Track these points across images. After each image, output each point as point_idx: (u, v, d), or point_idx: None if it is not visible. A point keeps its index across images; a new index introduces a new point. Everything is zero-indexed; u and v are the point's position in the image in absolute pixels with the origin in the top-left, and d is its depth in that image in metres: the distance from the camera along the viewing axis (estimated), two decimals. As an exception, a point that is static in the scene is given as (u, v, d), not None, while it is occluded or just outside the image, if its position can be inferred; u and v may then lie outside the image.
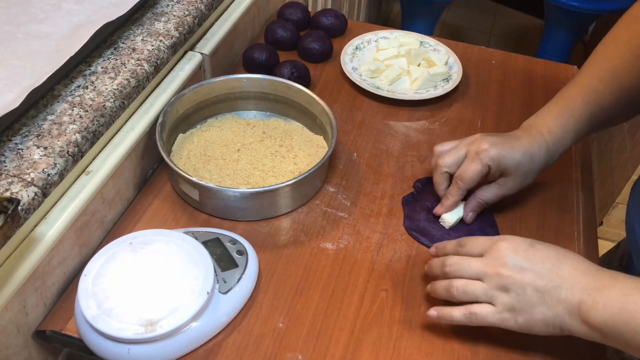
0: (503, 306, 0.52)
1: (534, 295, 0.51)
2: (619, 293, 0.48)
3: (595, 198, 1.86)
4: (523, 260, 0.52)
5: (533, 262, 0.52)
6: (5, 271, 0.52)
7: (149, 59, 0.68)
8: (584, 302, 0.49)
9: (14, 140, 0.56)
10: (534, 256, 0.52)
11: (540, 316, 0.51)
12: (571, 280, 0.50)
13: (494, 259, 0.53)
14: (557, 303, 0.50)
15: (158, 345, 0.52)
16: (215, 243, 0.61)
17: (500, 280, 0.52)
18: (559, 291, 0.50)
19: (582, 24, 2.08)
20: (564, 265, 0.51)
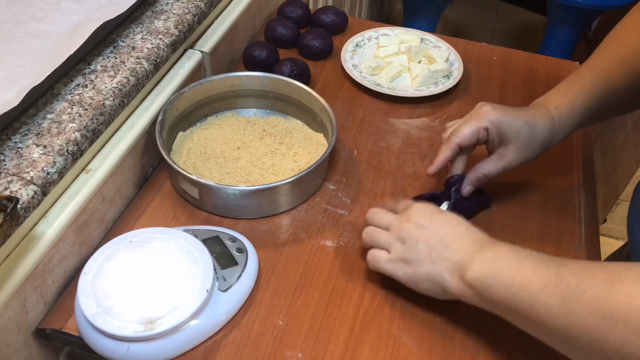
0: (396, 255, 0.57)
1: (424, 250, 0.55)
2: (493, 253, 0.52)
3: (599, 195, 1.86)
4: (426, 221, 0.56)
5: (433, 223, 0.56)
6: (5, 270, 0.52)
7: (149, 57, 0.68)
8: (464, 261, 0.53)
9: (13, 139, 0.56)
10: (436, 219, 0.56)
11: (424, 270, 0.55)
12: (459, 243, 0.54)
13: (403, 215, 0.58)
14: (441, 260, 0.54)
15: (157, 343, 0.52)
16: (215, 241, 0.61)
17: (400, 232, 0.57)
18: (446, 250, 0.54)
19: (585, 20, 2.07)
20: (459, 231, 0.55)
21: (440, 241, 0.55)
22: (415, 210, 0.58)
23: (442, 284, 0.54)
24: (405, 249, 0.56)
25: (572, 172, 0.76)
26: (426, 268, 0.55)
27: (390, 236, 0.58)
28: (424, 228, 0.56)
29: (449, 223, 0.56)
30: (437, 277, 0.54)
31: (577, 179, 0.76)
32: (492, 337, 0.58)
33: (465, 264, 0.52)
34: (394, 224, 0.58)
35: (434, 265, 0.54)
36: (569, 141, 0.81)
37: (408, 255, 0.56)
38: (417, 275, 0.56)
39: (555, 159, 0.78)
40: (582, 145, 0.81)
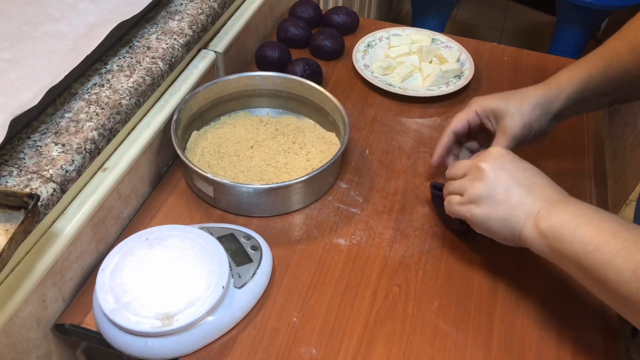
0: (468, 196, 0.56)
1: (503, 193, 0.54)
2: (576, 207, 0.51)
3: (609, 195, 1.85)
4: (506, 163, 0.56)
5: (516, 167, 0.55)
6: (26, 266, 0.53)
7: (164, 57, 0.68)
8: (543, 208, 0.52)
9: (32, 138, 0.57)
10: (518, 164, 0.56)
11: (501, 213, 0.54)
12: (543, 191, 0.54)
13: (480, 157, 0.58)
14: (521, 205, 0.54)
15: (175, 339, 0.53)
16: (229, 238, 0.62)
17: (478, 173, 0.56)
18: (528, 196, 0.54)
19: (595, 20, 2.06)
20: (544, 179, 0.55)
21: (524, 186, 0.54)
22: (494, 152, 0.57)
23: (517, 228, 0.54)
24: (481, 188, 0.55)
25: (582, 172, 0.77)
26: (504, 211, 0.54)
27: (465, 180, 0.58)
28: (504, 170, 0.55)
29: (532, 170, 0.56)
30: (514, 222, 0.54)
31: (588, 178, 0.76)
32: (505, 333, 0.58)
33: (545, 212, 0.52)
34: (471, 167, 0.58)
35: (514, 210, 0.54)
36: (580, 141, 0.81)
37: (483, 195, 0.55)
38: (491, 216, 0.55)
39: (566, 158, 0.78)
40: (592, 144, 0.81)
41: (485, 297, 0.61)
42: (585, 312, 0.60)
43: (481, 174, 0.56)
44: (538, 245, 0.53)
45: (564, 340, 0.58)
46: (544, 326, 0.59)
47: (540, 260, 0.65)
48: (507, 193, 0.54)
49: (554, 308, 0.60)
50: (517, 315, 0.60)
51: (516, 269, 0.64)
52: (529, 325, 0.59)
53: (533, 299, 0.61)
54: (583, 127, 0.83)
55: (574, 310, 0.60)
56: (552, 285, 0.63)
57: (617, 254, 0.46)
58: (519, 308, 0.60)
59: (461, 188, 0.58)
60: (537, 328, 0.59)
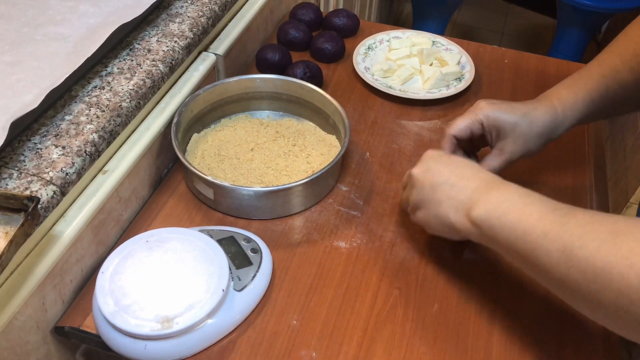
0: (412, 204, 0.60)
1: (430, 192, 0.56)
2: (501, 194, 0.52)
3: (609, 198, 1.85)
4: (431, 163, 0.58)
5: (439, 164, 0.57)
6: (25, 268, 0.53)
7: (164, 59, 0.68)
8: (470, 199, 0.53)
9: (33, 140, 0.57)
10: (442, 160, 0.58)
11: (433, 211, 0.56)
12: (465, 182, 0.55)
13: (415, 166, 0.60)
14: (447, 199, 0.55)
15: (174, 342, 0.53)
16: (229, 241, 0.61)
17: (411, 180, 0.60)
18: (451, 189, 0.55)
19: (595, 22, 2.06)
20: (465, 171, 0.56)
21: (446, 181, 0.56)
22: (423, 156, 0.60)
23: (449, 222, 0.55)
24: (415, 194, 0.58)
25: (583, 175, 0.76)
26: (435, 208, 0.56)
27: (406, 190, 0.61)
28: (429, 170, 0.57)
29: (456, 164, 0.57)
30: (444, 216, 0.55)
31: (589, 181, 0.76)
32: (505, 337, 0.58)
33: (471, 203, 0.53)
34: (406, 177, 0.61)
35: (440, 206, 0.55)
36: (580, 143, 0.81)
37: (418, 200, 0.58)
38: (428, 217, 0.57)
39: (566, 161, 0.78)
40: (593, 147, 0.81)
41: (486, 300, 0.61)
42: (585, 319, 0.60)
43: (412, 180, 0.59)
44: (474, 236, 0.53)
45: (564, 344, 0.58)
46: (545, 328, 0.59)
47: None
48: (433, 192, 0.56)
49: (554, 311, 0.60)
50: (517, 319, 0.60)
51: (517, 271, 0.64)
52: (529, 328, 0.59)
53: (534, 301, 0.61)
54: (583, 130, 0.83)
55: (575, 313, 0.60)
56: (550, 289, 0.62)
57: (545, 237, 0.46)
58: (520, 311, 0.60)
59: (406, 199, 0.62)
60: (538, 332, 0.59)
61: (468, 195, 0.54)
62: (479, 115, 0.64)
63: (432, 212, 0.57)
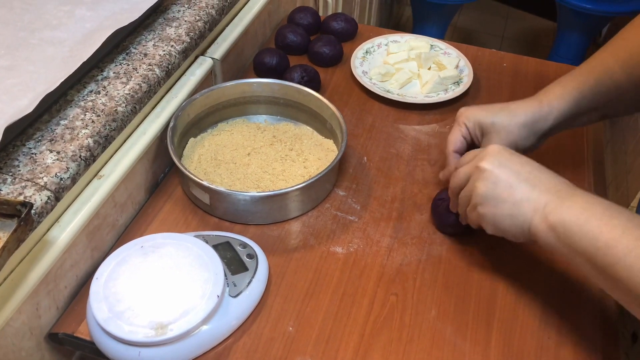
0: (474, 199, 0.56)
1: (506, 190, 0.54)
2: (585, 201, 0.50)
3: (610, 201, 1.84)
4: (505, 160, 0.55)
5: (513, 161, 0.55)
6: (19, 274, 0.53)
7: (161, 63, 0.68)
8: (551, 201, 0.51)
9: (27, 145, 0.56)
10: (517, 159, 0.55)
11: (507, 211, 0.54)
12: (545, 183, 0.53)
13: (478, 157, 0.57)
14: (526, 201, 0.53)
15: (169, 349, 0.52)
16: (225, 247, 0.61)
17: (479, 173, 0.55)
18: (532, 191, 0.53)
19: (596, 26, 2.06)
20: (544, 172, 0.54)
21: (526, 181, 0.53)
22: (491, 150, 0.56)
23: (525, 223, 0.53)
24: (483, 188, 0.55)
25: (582, 179, 0.76)
26: (509, 208, 0.53)
27: (469, 184, 0.57)
28: (504, 167, 0.54)
29: (532, 164, 0.55)
30: (521, 218, 0.53)
31: (588, 185, 0.75)
32: (503, 342, 0.57)
33: (553, 206, 0.51)
34: (471, 169, 0.57)
35: (519, 206, 0.53)
36: (580, 147, 0.80)
37: (490, 194, 0.54)
38: (497, 215, 0.54)
39: (565, 165, 0.78)
40: (592, 151, 0.80)
41: (484, 305, 0.61)
42: (585, 320, 0.60)
43: (482, 173, 0.55)
44: (547, 239, 0.51)
45: (563, 348, 0.57)
46: (542, 334, 0.58)
47: (539, 267, 0.64)
48: (510, 190, 0.53)
49: (552, 316, 0.60)
50: (516, 324, 0.59)
51: (515, 276, 0.63)
52: (527, 333, 0.58)
53: (531, 306, 0.61)
54: (582, 134, 0.83)
55: (573, 318, 0.60)
56: (550, 293, 0.62)
57: (628, 253, 0.45)
58: (518, 316, 0.60)
59: (468, 193, 0.57)
60: (536, 336, 0.58)
61: (550, 198, 0.52)
62: (461, 122, 0.66)
63: (505, 211, 0.54)
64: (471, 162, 0.58)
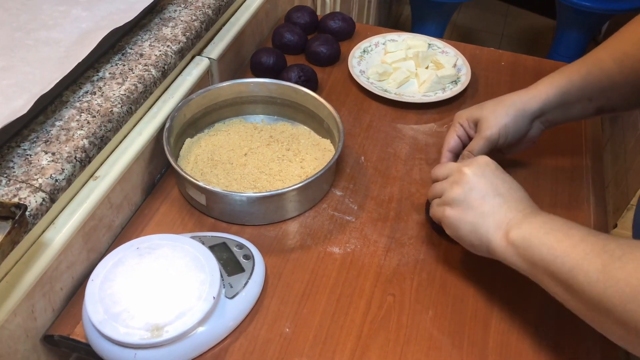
0: (445, 198, 0.57)
1: (478, 199, 0.55)
2: (546, 219, 0.52)
3: (610, 200, 1.84)
4: (490, 172, 0.56)
5: (496, 177, 0.56)
6: (14, 276, 0.52)
7: (157, 64, 0.68)
8: (515, 219, 0.53)
9: (22, 146, 0.56)
10: (499, 175, 0.56)
11: (471, 219, 0.55)
12: (516, 203, 0.54)
13: (466, 162, 0.58)
14: (492, 215, 0.54)
15: (164, 350, 0.52)
16: (221, 248, 0.61)
17: (458, 176, 0.57)
18: (502, 206, 0.54)
19: (595, 24, 2.06)
20: (518, 192, 0.55)
21: (499, 196, 0.54)
22: (480, 160, 0.58)
23: (485, 237, 0.54)
24: (458, 192, 0.56)
25: (581, 177, 0.76)
26: (474, 217, 0.55)
27: (446, 182, 0.58)
28: (484, 177, 0.56)
29: (512, 183, 0.56)
30: (483, 230, 0.54)
31: (587, 183, 0.75)
32: (501, 344, 0.57)
33: (514, 222, 0.52)
34: (453, 170, 0.58)
35: (483, 218, 0.54)
36: (579, 146, 0.80)
37: (459, 199, 0.56)
38: (461, 220, 0.56)
39: (564, 163, 0.77)
40: (591, 149, 0.80)
41: (481, 306, 0.60)
42: (583, 321, 0.59)
43: (462, 177, 0.57)
44: (506, 255, 0.53)
45: (562, 350, 0.57)
46: (540, 335, 0.58)
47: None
48: (482, 200, 0.55)
49: (550, 317, 0.60)
50: (514, 325, 0.59)
51: (512, 277, 0.63)
52: (525, 334, 0.58)
53: (529, 307, 0.60)
54: (581, 132, 0.82)
55: (571, 319, 0.59)
56: (548, 294, 0.61)
57: (584, 256, 0.46)
58: (515, 317, 0.60)
59: (442, 190, 0.59)
60: (534, 337, 0.58)
61: (514, 216, 0.53)
62: (456, 122, 0.69)
63: (469, 218, 0.55)
64: (458, 163, 0.60)
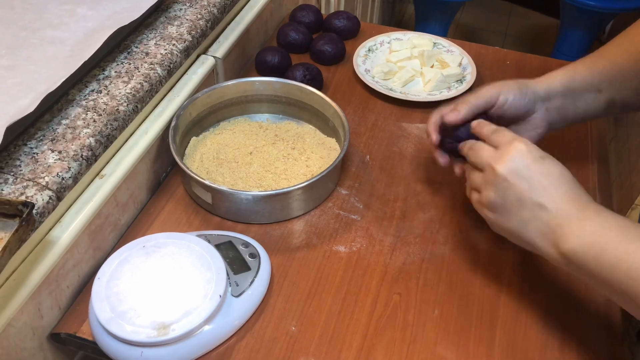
0: (485, 199, 0.54)
1: (515, 202, 0.51)
2: (597, 226, 0.47)
3: (614, 199, 1.83)
4: (522, 167, 0.51)
5: (532, 172, 0.51)
6: (21, 274, 0.53)
7: (162, 62, 0.68)
8: (561, 228, 0.49)
9: (29, 145, 0.56)
10: (536, 168, 0.51)
11: (513, 226, 0.52)
12: (559, 204, 0.49)
13: (500, 154, 0.53)
14: (533, 221, 0.50)
15: (171, 349, 0.52)
16: (227, 246, 0.61)
17: (492, 175, 0.53)
18: (541, 212, 0.50)
19: (599, 23, 2.05)
20: (559, 188, 0.50)
21: (536, 199, 0.50)
22: (513, 150, 0.52)
23: (532, 245, 0.51)
24: (493, 195, 0.52)
25: (586, 176, 0.76)
26: (515, 225, 0.51)
27: (482, 179, 0.54)
28: (518, 176, 0.51)
29: (550, 176, 0.50)
30: (527, 238, 0.51)
31: (592, 182, 0.75)
32: (507, 342, 0.57)
33: (561, 232, 0.48)
34: (489, 164, 0.53)
35: (525, 225, 0.51)
36: (584, 144, 0.80)
37: (496, 201, 0.52)
38: (503, 226, 0.53)
39: (569, 162, 0.77)
40: (596, 148, 0.80)
41: (487, 305, 0.60)
42: (589, 319, 0.59)
43: (495, 178, 0.52)
44: (561, 264, 0.50)
45: (568, 347, 0.57)
46: (546, 334, 0.58)
47: (543, 267, 0.64)
48: (519, 205, 0.51)
49: (556, 315, 0.59)
50: (520, 323, 0.59)
51: (518, 276, 0.63)
52: (531, 333, 0.58)
53: (535, 306, 0.60)
54: (586, 131, 0.82)
55: (578, 317, 0.59)
56: (554, 292, 0.62)
57: None
58: (521, 316, 0.59)
59: (478, 185, 0.55)
60: (540, 336, 0.58)
61: (558, 223, 0.49)
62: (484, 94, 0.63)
63: (511, 225, 0.52)
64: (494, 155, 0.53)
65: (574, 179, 0.52)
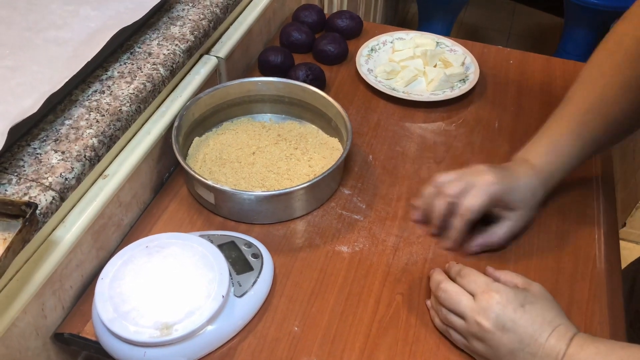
0: (474, 349, 0.54)
1: (507, 355, 0.51)
2: None
3: (618, 199, 1.83)
4: (507, 320, 0.51)
5: (517, 324, 0.51)
6: (24, 274, 0.53)
7: (165, 63, 0.68)
8: None
9: (32, 145, 0.56)
10: (520, 318, 0.51)
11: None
12: (546, 349, 0.50)
13: (480, 308, 0.52)
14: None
15: (174, 349, 0.52)
16: (230, 246, 0.61)
17: (480, 331, 0.52)
18: (534, 358, 0.50)
19: (603, 21, 2.04)
20: (544, 333, 0.51)
21: (526, 347, 0.50)
22: (494, 304, 0.52)
23: None
24: (485, 349, 0.53)
25: (590, 176, 0.75)
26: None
27: (467, 329, 0.53)
28: (505, 329, 0.51)
29: (534, 323, 0.51)
30: None
31: (596, 182, 0.75)
32: (510, 344, 0.57)
33: None
34: (470, 317, 0.53)
35: None
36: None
37: (487, 352, 0.52)
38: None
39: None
40: (601, 149, 0.80)
41: (490, 305, 0.60)
42: (592, 322, 0.59)
43: (483, 333, 0.52)
44: None
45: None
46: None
47: (545, 272, 0.64)
48: (512, 355, 0.51)
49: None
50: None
51: (522, 276, 0.63)
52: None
53: (539, 307, 0.60)
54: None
55: (581, 319, 0.59)
56: (557, 296, 0.61)
57: None
58: (525, 317, 0.59)
59: (462, 332, 0.55)
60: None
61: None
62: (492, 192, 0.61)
63: None
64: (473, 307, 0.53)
65: (555, 310, 0.53)
